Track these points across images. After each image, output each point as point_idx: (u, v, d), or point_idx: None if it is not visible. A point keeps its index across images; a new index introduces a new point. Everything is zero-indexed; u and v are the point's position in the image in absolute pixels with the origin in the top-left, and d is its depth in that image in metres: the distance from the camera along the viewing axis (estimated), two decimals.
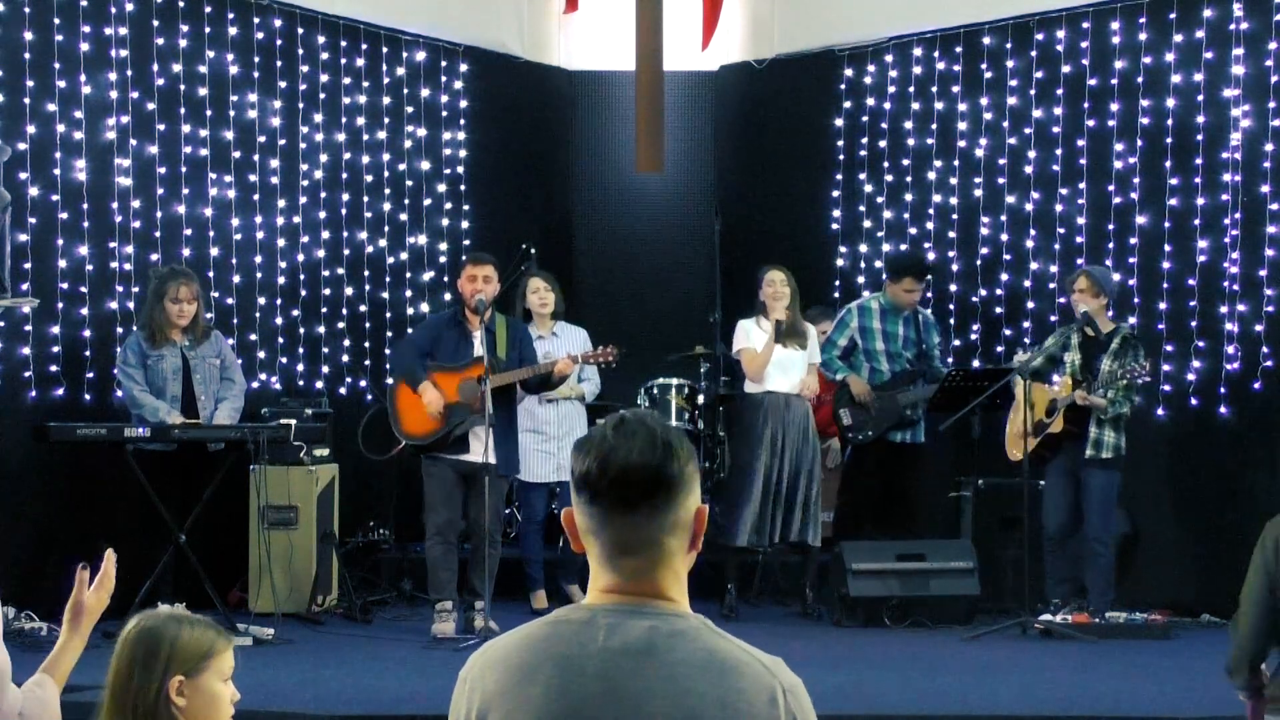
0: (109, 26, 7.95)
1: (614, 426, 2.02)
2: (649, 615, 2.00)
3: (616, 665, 1.97)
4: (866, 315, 8.59)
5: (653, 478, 1.98)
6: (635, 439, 1.99)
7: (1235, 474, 8.10)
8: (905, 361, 8.56)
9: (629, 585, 2.02)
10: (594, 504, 2.00)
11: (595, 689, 1.96)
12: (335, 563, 8.21)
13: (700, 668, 1.96)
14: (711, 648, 1.99)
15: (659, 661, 1.96)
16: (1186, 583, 8.18)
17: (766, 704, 1.95)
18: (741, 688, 1.95)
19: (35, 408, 7.58)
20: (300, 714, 5.63)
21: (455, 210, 9.83)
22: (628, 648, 1.97)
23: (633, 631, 1.99)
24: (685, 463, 2.02)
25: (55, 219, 7.74)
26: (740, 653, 1.99)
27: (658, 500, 1.99)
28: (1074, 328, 7.84)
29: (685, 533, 2.04)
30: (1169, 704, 5.82)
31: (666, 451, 2.00)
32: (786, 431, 7.94)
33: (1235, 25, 8.11)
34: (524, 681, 2.00)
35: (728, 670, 1.96)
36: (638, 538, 2.01)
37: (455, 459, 7.40)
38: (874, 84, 9.67)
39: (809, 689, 2.04)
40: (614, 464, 1.98)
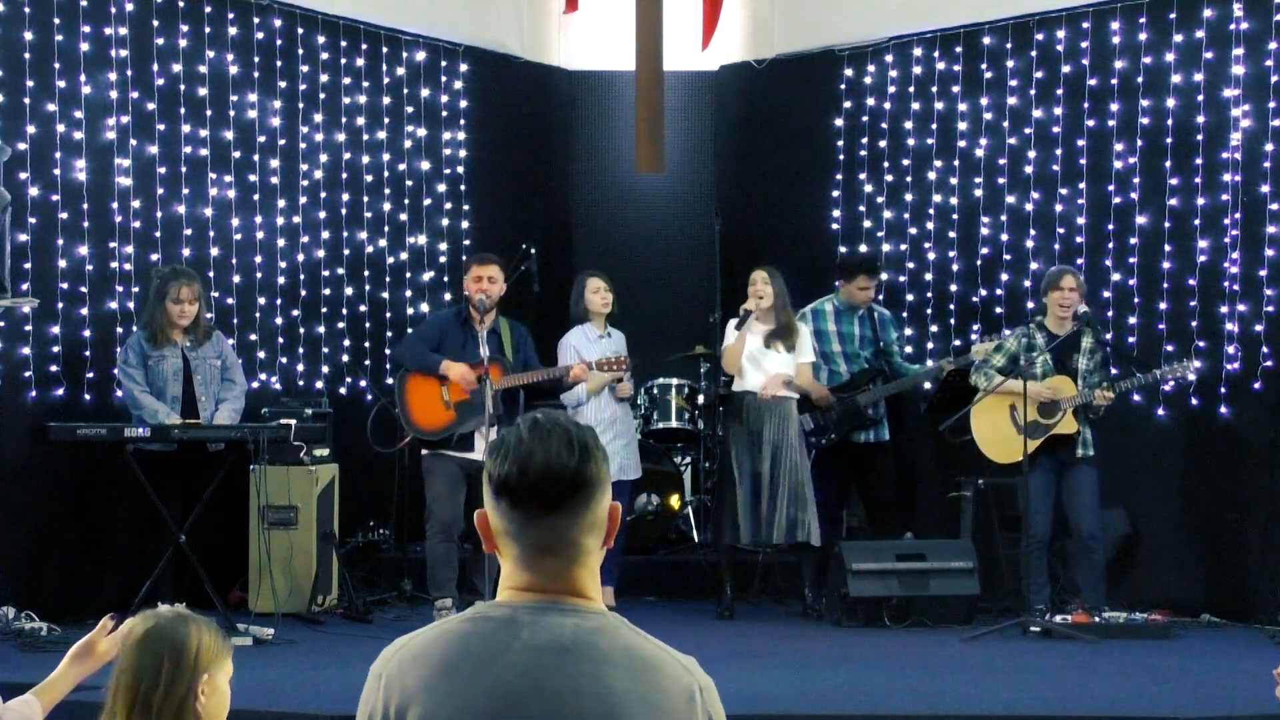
0: (109, 26, 7.95)
1: (529, 428, 2.04)
2: (570, 613, 2.03)
3: (540, 662, 1.99)
4: (821, 318, 8.60)
5: (571, 480, 2.01)
6: (551, 440, 2.02)
7: (1235, 474, 8.10)
8: (863, 361, 8.56)
9: (548, 584, 2.05)
10: (515, 507, 2.03)
11: (519, 685, 1.98)
12: (335, 563, 8.21)
13: (622, 665, 1.99)
14: (632, 645, 2.02)
15: (582, 658, 1.99)
16: (1186, 583, 8.18)
17: (686, 701, 1.99)
18: (664, 685, 1.98)
19: (35, 408, 7.58)
20: (300, 714, 5.63)
21: (455, 210, 9.83)
22: (552, 644, 2.00)
23: (556, 629, 2.01)
24: (600, 463, 2.05)
25: (55, 219, 7.74)
26: (660, 651, 2.03)
27: (577, 502, 2.02)
28: (1033, 327, 7.86)
29: (600, 531, 2.08)
30: (1169, 704, 5.82)
31: (584, 453, 2.02)
32: (766, 431, 7.93)
33: (1235, 25, 8.11)
34: (446, 677, 2.01)
35: (649, 667, 2.00)
36: (558, 539, 2.03)
37: (461, 456, 7.41)
38: (874, 84, 9.66)
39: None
40: (534, 467, 2.01)
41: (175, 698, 2.79)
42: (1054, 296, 7.78)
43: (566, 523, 2.02)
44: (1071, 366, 7.73)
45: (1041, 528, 7.74)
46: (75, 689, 3.55)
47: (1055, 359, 7.76)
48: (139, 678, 2.79)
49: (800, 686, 6.07)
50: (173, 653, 2.80)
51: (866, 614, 7.74)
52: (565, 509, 2.02)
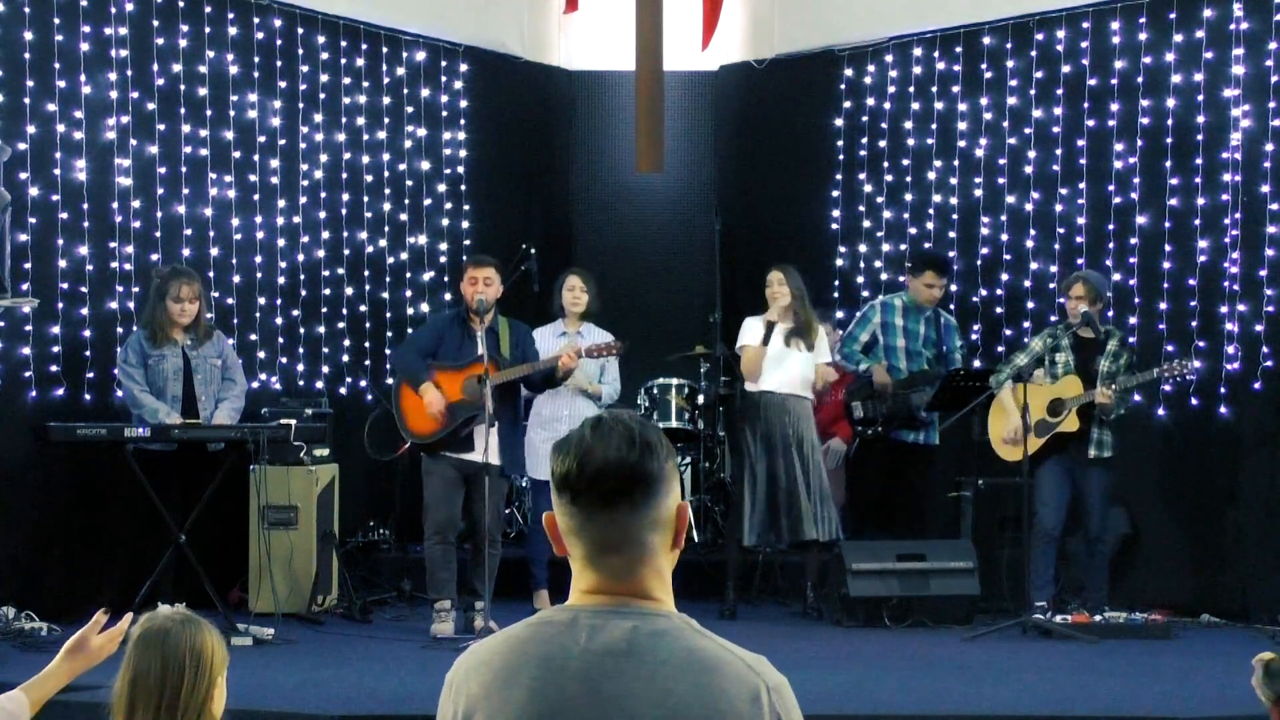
0: (109, 26, 7.95)
1: (592, 427, 2.04)
2: (631, 615, 2.01)
3: (597, 666, 1.97)
4: (889, 311, 8.62)
5: (630, 474, 2.00)
6: (612, 437, 2.01)
7: (1235, 474, 8.10)
8: (924, 361, 8.57)
9: (612, 585, 2.03)
10: (575, 504, 2.02)
11: (576, 691, 1.97)
12: (335, 563, 8.21)
13: (681, 667, 1.97)
14: (693, 647, 1.99)
15: (640, 662, 1.97)
16: (1186, 583, 8.18)
17: (749, 703, 1.95)
18: (723, 687, 1.96)
19: (35, 408, 7.58)
20: (300, 714, 5.62)
21: (455, 210, 9.83)
22: (609, 649, 1.98)
23: (614, 632, 1.99)
24: (664, 460, 2.03)
25: (55, 219, 7.74)
26: (723, 652, 2.00)
27: (636, 497, 2.00)
28: (1062, 328, 7.86)
29: (667, 530, 2.05)
30: (1169, 704, 5.82)
31: (644, 448, 2.01)
32: (784, 430, 7.93)
33: (1235, 25, 8.11)
34: (507, 684, 2.01)
35: (709, 669, 1.97)
36: (619, 536, 2.02)
37: (458, 458, 7.41)
38: (874, 84, 9.66)
39: (809, 689, 2.05)
40: (592, 462, 1.99)
41: (197, 702, 2.82)
42: (1067, 304, 7.81)
43: (627, 519, 2.00)
44: (1093, 369, 7.72)
45: (1053, 521, 7.74)
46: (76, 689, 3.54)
47: (1080, 360, 7.76)
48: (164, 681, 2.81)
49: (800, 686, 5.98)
50: (194, 658, 2.84)
51: (866, 614, 7.73)
52: (625, 504, 2.00)
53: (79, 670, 3.26)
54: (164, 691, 2.80)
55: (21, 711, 3.16)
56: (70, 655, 3.23)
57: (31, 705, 3.18)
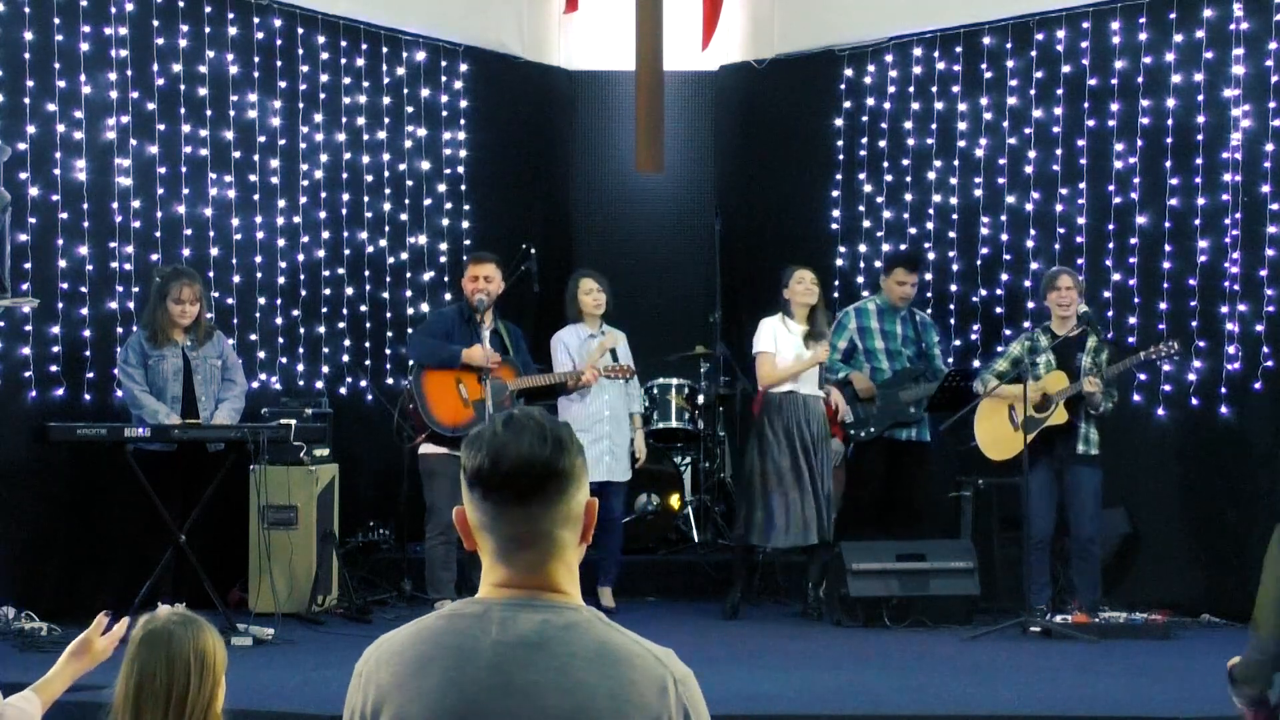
0: (109, 26, 7.95)
1: (504, 423, 2.07)
2: (542, 608, 2.04)
3: (509, 658, 2.00)
4: (864, 316, 8.62)
5: (543, 470, 2.03)
6: (525, 434, 2.04)
7: (1235, 474, 8.10)
8: (905, 360, 8.58)
9: (523, 579, 2.06)
10: (487, 499, 2.05)
11: (488, 681, 2.00)
12: (335, 563, 8.21)
13: (591, 660, 2.00)
14: (603, 640, 2.02)
15: (551, 654, 2.00)
16: (1186, 583, 8.18)
17: (657, 694, 1.98)
18: (632, 679, 1.99)
19: (35, 408, 7.58)
20: (300, 714, 5.63)
21: (455, 210, 9.83)
22: (520, 640, 2.01)
23: (526, 624, 2.02)
24: (574, 456, 2.06)
25: (55, 219, 7.74)
26: (632, 644, 2.03)
27: (550, 493, 2.04)
28: (1038, 331, 7.88)
29: (576, 525, 2.09)
30: (1169, 704, 5.82)
31: (557, 445, 2.04)
32: (805, 432, 7.93)
33: (1235, 25, 8.11)
34: (418, 674, 2.03)
35: (619, 662, 2.00)
36: (530, 531, 2.05)
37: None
38: (874, 84, 9.66)
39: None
40: (506, 458, 2.02)
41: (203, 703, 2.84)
42: (1052, 297, 7.80)
43: (539, 513, 2.04)
44: (1074, 366, 7.73)
45: (1042, 528, 7.74)
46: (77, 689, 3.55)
47: (1060, 359, 7.76)
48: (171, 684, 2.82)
49: (800, 686, 6.06)
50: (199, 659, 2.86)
51: (866, 614, 7.73)
52: (538, 499, 2.03)
53: (82, 671, 3.30)
54: (171, 693, 2.81)
55: (35, 711, 3.19)
56: (74, 657, 3.27)
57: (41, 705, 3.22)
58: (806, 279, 8.04)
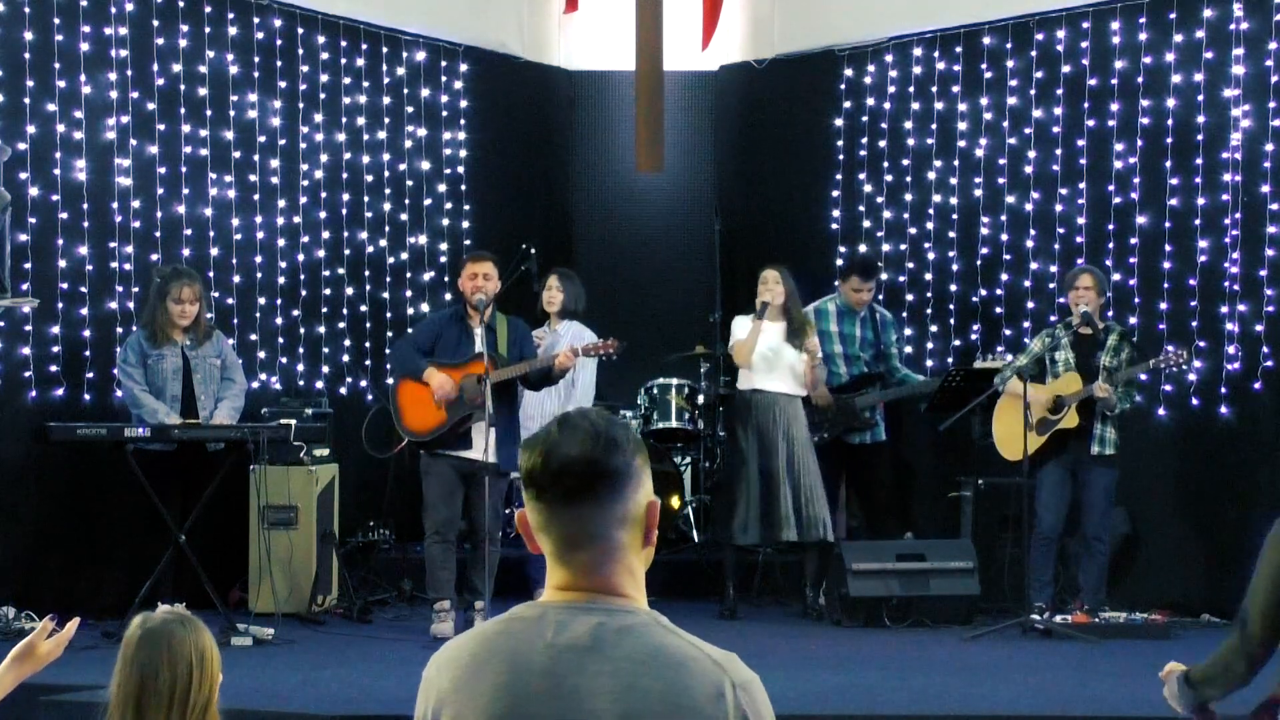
0: (109, 26, 7.95)
1: (559, 423, 2.05)
2: (597, 611, 2.01)
3: (562, 661, 1.98)
4: (823, 318, 8.57)
5: (593, 470, 2.00)
6: (577, 433, 2.02)
7: (1236, 474, 8.10)
8: (863, 364, 8.55)
9: (580, 581, 2.04)
10: (540, 499, 2.03)
11: (540, 685, 1.98)
12: (335, 563, 8.21)
13: (644, 663, 1.97)
14: (659, 643, 2.00)
15: (603, 657, 1.97)
16: (1186, 583, 8.18)
17: (712, 699, 1.95)
18: (686, 684, 1.96)
19: (35, 408, 7.58)
20: (300, 714, 5.63)
21: (455, 210, 9.83)
22: (574, 644, 1.99)
23: (579, 628, 2.00)
24: (631, 456, 2.03)
25: (55, 219, 7.74)
26: (689, 648, 2.00)
27: (600, 492, 2.01)
28: (1062, 326, 7.85)
29: (636, 527, 2.05)
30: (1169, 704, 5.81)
31: (608, 444, 2.01)
32: (775, 430, 7.94)
33: (1235, 25, 8.11)
34: (474, 678, 2.02)
35: (672, 666, 1.97)
36: (584, 532, 2.02)
37: (457, 456, 7.41)
38: (874, 84, 9.66)
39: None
40: (556, 458, 2.01)
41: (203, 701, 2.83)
42: (1072, 296, 7.78)
43: (591, 514, 2.01)
44: (1095, 364, 7.72)
45: (1051, 524, 7.73)
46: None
47: (1080, 357, 7.75)
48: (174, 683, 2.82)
49: (800, 686, 6.06)
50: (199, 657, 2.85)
51: (866, 614, 7.73)
52: (589, 500, 2.00)
53: (24, 676, 3.23)
54: (174, 692, 2.80)
55: None
56: (17, 661, 3.20)
57: None
58: (769, 280, 8.05)
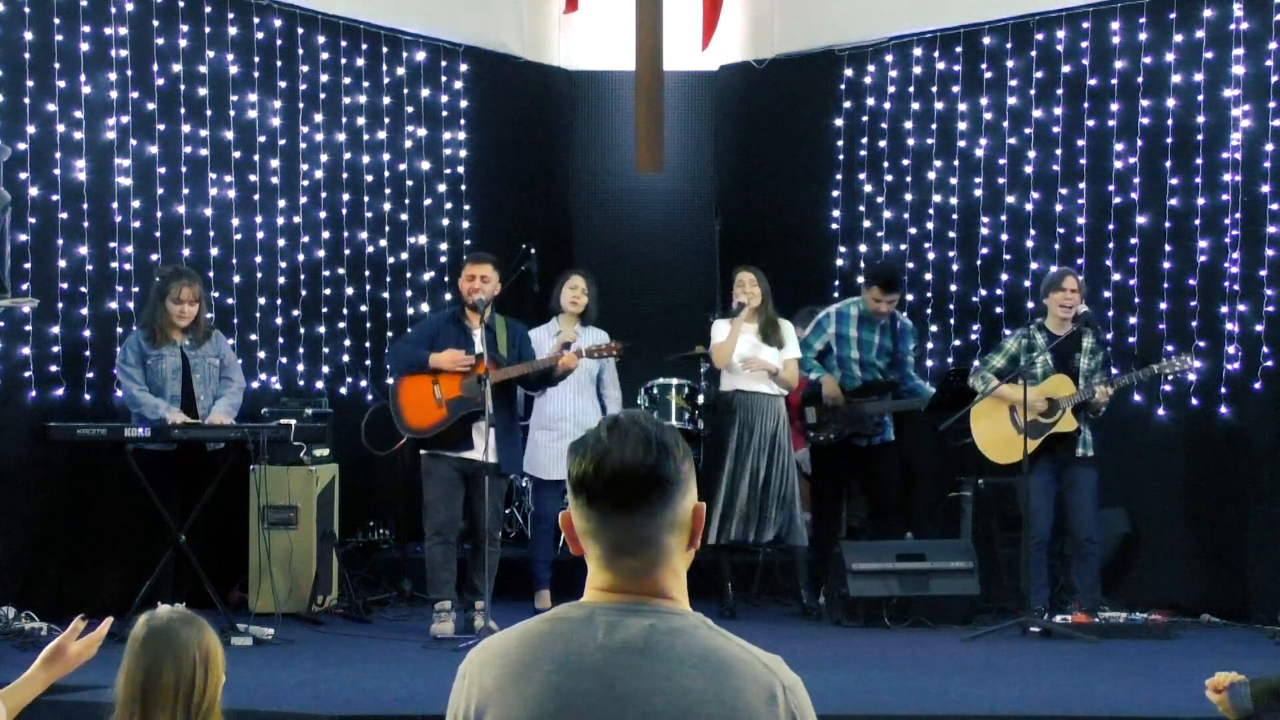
0: (109, 26, 7.95)
1: (608, 428, 2.03)
2: (648, 613, 2.00)
3: (614, 663, 1.97)
4: (844, 322, 8.56)
5: (647, 477, 1.99)
6: (629, 439, 2.00)
7: (1235, 474, 8.10)
8: (877, 371, 8.54)
9: (628, 584, 2.03)
10: (592, 506, 2.01)
11: (593, 686, 1.97)
12: (335, 563, 8.21)
13: (698, 666, 1.96)
14: (710, 646, 1.99)
15: (657, 659, 1.96)
16: (1187, 583, 8.18)
17: (765, 702, 1.95)
18: (740, 686, 1.95)
19: (35, 408, 7.58)
20: (300, 714, 5.63)
21: (455, 210, 9.83)
22: (626, 645, 1.98)
23: (631, 629, 1.99)
24: (680, 462, 2.02)
25: (55, 219, 7.74)
26: (739, 650, 2.00)
27: (654, 500, 2.00)
28: (1033, 328, 7.85)
29: (683, 531, 2.04)
30: (1169, 704, 5.82)
31: (661, 451, 2.00)
32: (755, 430, 7.94)
33: (1235, 25, 8.11)
34: (521, 678, 2.00)
35: (726, 668, 1.97)
36: (636, 538, 2.01)
37: (458, 456, 7.41)
38: (874, 84, 9.67)
39: (809, 689, 2.04)
40: (609, 465, 1.99)
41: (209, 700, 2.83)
42: (1055, 298, 7.77)
43: (643, 521, 2.00)
44: (1073, 366, 7.73)
45: (1042, 529, 7.73)
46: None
47: (1056, 359, 7.75)
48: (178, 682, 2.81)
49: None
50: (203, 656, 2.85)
51: (866, 614, 7.74)
52: (641, 508, 1.99)
53: (56, 677, 3.23)
54: (178, 691, 2.80)
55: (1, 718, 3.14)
56: (48, 663, 3.20)
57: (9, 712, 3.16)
58: (746, 282, 8.05)
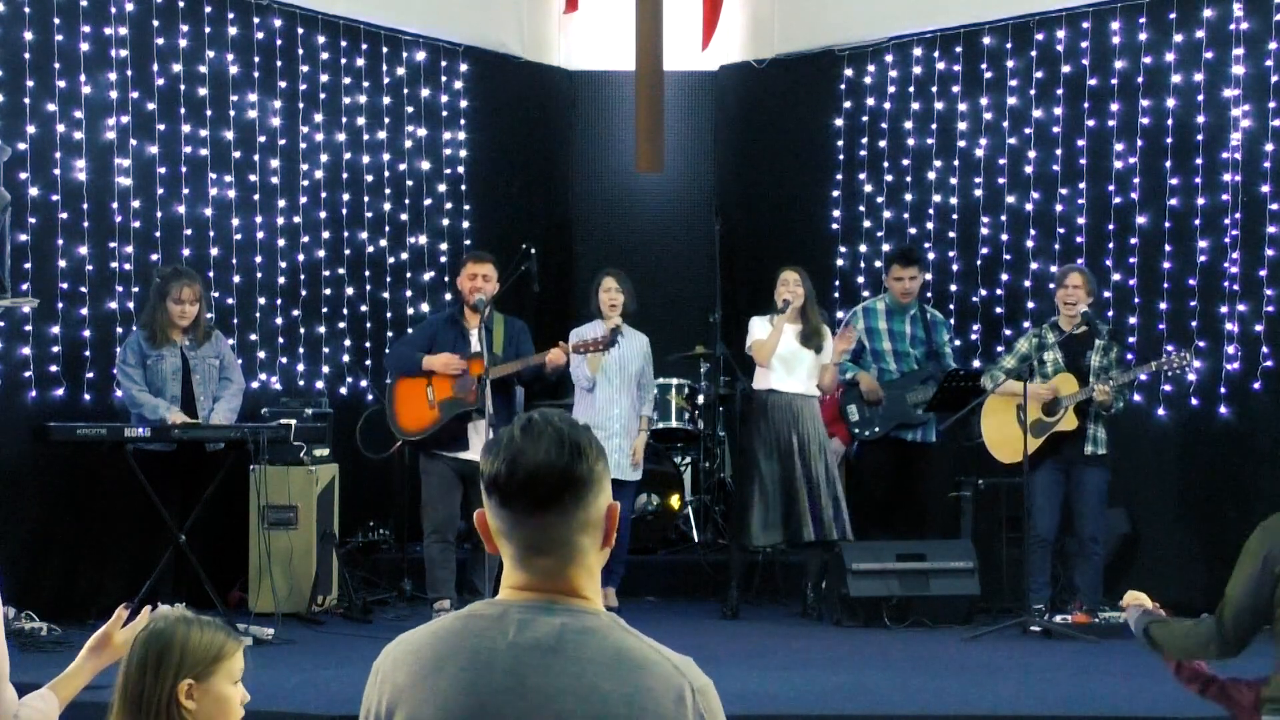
0: (109, 26, 7.95)
1: (521, 428, 2.03)
2: (560, 612, 2.01)
3: (525, 661, 1.98)
4: (872, 316, 8.57)
5: (560, 479, 1.99)
6: (542, 440, 2.00)
7: (1235, 474, 8.10)
8: (914, 361, 8.53)
9: (542, 583, 2.04)
10: (505, 506, 2.02)
11: (503, 684, 1.98)
12: (335, 563, 8.21)
13: (608, 665, 1.97)
14: (621, 646, 2.00)
15: (567, 658, 1.98)
16: (1187, 583, 8.16)
17: (674, 703, 1.95)
18: (649, 686, 1.96)
19: (35, 408, 7.58)
20: (300, 714, 5.63)
21: (455, 210, 9.83)
22: (537, 644, 1.99)
23: (543, 628, 2.00)
24: (594, 462, 2.02)
25: (55, 219, 7.74)
26: (650, 651, 2.00)
27: (566, 500, 2.00)
28: (1046, 327, 7.85)
29: (597, 531, 2.05)
30: (1169, 704, 5.81)
31: (574, 452, 2.00)
32: (791, 431, 7.92)
33: (1235, 25, 8.11)
34: (433, 674, 2.02)
35: (635, 668, 1.97)
36: (549, 538, 2.02)
37: (454, 456, 7.41)
38: (874, 84, 9.67)
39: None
40: (522, 466, 1.99)
41: (158, 701, 2.76)
42: (1060, 294, 7.78)
43: (556, 521, 2.00)
44: (1085, 364, 7.72)
45: (1046, 527, 7.73)
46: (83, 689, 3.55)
47: (1068, 358, 7.74)
48: (126, 679, 2.79)
49: (800, 686, 6.06)
50: (156, 656, 2.78)
51: (866, 614, 7.73)
52: (554, 508, 2.00)
53: (102, 666, 3.24)
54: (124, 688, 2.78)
55: (52, 710, 3.15)
56: (93, 652, 3.22)
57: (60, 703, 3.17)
58: (790, 281, 8.03)
